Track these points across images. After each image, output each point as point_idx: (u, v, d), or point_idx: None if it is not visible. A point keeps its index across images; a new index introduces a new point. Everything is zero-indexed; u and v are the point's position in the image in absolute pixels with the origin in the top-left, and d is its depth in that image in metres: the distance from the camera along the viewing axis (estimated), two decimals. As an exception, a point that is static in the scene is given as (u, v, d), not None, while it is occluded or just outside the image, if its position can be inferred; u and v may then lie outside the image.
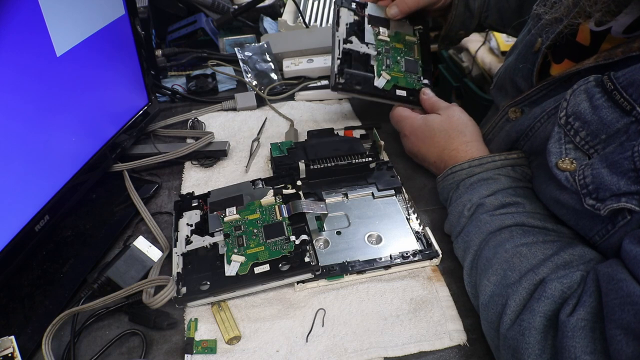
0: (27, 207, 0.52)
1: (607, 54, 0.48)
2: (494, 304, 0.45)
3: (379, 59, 0.62)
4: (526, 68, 0.60)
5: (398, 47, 0.63)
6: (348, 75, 0.67)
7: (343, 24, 0.70)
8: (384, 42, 0.70)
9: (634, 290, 0.36)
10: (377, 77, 0.66)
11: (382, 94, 0.67)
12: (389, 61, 0.68)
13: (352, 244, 0.56)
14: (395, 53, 0.70)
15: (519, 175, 0.55)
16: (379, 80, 0.56)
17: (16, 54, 0.47)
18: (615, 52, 0.47)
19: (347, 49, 0.68)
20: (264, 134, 0.77)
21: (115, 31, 0.63)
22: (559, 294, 0.41)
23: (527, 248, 0.46)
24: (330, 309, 0.51)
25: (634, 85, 0.42)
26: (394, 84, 0.62)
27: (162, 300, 0.48)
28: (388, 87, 0.61)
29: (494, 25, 0.81)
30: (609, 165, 0.42)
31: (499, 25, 0.80)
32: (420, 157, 0.66)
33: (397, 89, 0.67)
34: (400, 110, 0.68)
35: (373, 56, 0.68)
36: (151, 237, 0.58)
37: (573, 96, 0.47)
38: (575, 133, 0.46)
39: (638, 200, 0.40)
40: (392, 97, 0.68)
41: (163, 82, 0.87)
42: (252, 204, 0.58)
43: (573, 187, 0.45)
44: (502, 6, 0.77)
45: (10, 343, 0.43)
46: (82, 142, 0.60)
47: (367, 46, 0.69)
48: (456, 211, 0.55)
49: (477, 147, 0.59)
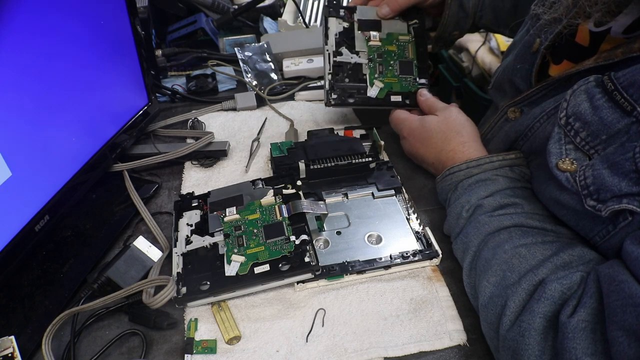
0: (27, 207, 0.52)
1: (607, 54, 0.48)
2: (493, 305, 0.45)
3: (371, 67, 0.61)
4: (524, 68, 0.60)
5: (391, 50, 0.62)
6: (340, 90, 0.66)
7: (332, 35, 0.70)
8: (375, 48, 0.69)
9: (636, 291, 0.36)
10: (370, 87, 0.65)
11: (376, 102, 0.66)
12: (382, 67, 0.67)
13: (352, 244, 0.56)
14: (388, 57, 0.68)
15: (518, 176, 0.55)
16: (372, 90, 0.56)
17: (16, 53, 0.47)
18: (615, 53, 0.47)
19: (337, 61, 0.68)
20: (264, 134, 0.77)
21: (116, 31, 0.63)
22: (559, 295, 0.41)
23: (526, 249, 0.46)
24: (330, 309, 0.51)
25: (635, 86, 0.42)
26: (388, 90, 0.61)
27: (162, 300, 0.48)
28: (382, 95, 0.60)
29: (489, 25, 0.81)
30: (610, 166, 0.42)
31: (494, 25, 0.80)
32: (419, 158, 0.66)
33: (392, 95, 0.66)
34: (398, 113, 0.68)
35: (364, 65, 0.68)
36: (151, 237, 0.58)
37: (573, 96, 0.47)
38: (576, 134, 0.46)
39: (639, 201, 0.39)
40: (388, 104, 0.67)
41: (163, 82, 0.87)
42: (252, 204, 0.58)
43: (574, 188, 0.44)
44: (497, 6, 0.77)
45: (10, 343, 0.43)
46: (82, 142, 0.59)
47: (358, 55, 0.68)
48: (455, 212, 0.55)
49: (475, 147, 0.59)
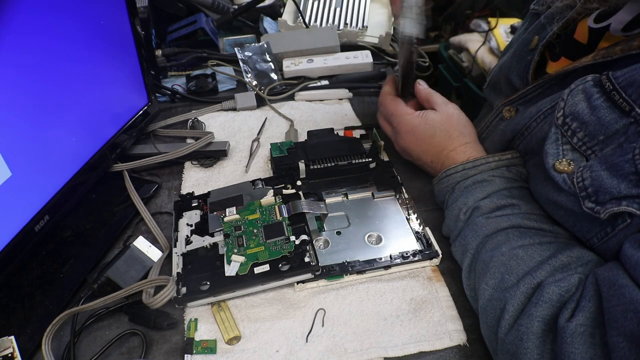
0: (27, 207, 0.52)
1: (605, 52, 0.48)
2: (492, 308, 0.45)
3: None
4: (522, 66, 0.59)
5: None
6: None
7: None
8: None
9: (636, 297, 0.35)
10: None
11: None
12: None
13: (352, 244, 0.56)
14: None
15: (514, 176, 0.55)
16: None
17: (16, 53, 0.47)
18: (614, 50, 0.47)
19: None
20: (264, 134, 0.77)
21: (116, 31, 0.63)
22: (557, 298, 0.41)
23: (524, 250, 0.46)
24: (330, 309, 0.51)
25: (634, 86, 0.42)
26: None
27: (162, 300, 0.48)
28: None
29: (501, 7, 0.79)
30: (608, 167, 0.41)
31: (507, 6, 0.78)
32: (415, 156, 0.63)
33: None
34: (392, 103, 0.64)
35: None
36: (151, 237, 0.58)
37: (570, 96, 0.46)
38: (573, 134, 0.46)
39: (639, 204, 0.39)
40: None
41: (163, 82, 0.87)
42: (252, 204, 0.58)
43: (571, 190, 0.44)
44: None
45: (10, 343, 0.43)
46: (82, 142, 0.59)
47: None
48: (452, 215, 0.55)
49: (475, 148, 0.59)
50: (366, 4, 1.08)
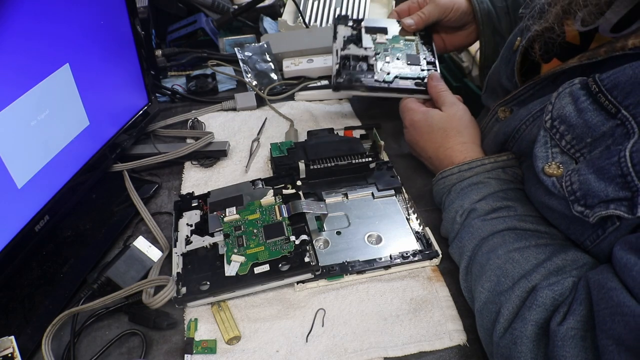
0: (27, 207, 0.52)
1: (590, 53, 0.48)
2: (488, 311, 0.45)
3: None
4: (509, 69, 0.60)
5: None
6: (347, 74, 0.69)
7: (340, 37, 0.74)
8: (382, 44, 0.73)
9: (624, 300, 0.35)
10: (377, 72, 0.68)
11: (382, 87, 0.68)
12: (389, 58, 0.71)
13: (352, 244, 0.56)
14: (395, 51, 0.72)
15: (510, 177, 0.54)
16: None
17: (16, 53, 0.47)
18: (598, 52, 0.47)
19: (344, 54, 0.71)
20: (264, 134, 0.77)
21: (115, 31, 0.63)
22: (550, 302, 0.41)
23: (520, 253, 0.46)
24: (330, 309, 0.51)
25: (619, 88, 0.41)
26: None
27: (162, 300, 0.48)
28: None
29: None
30: (595, 171, 0.41)
31: None
32: (418, 150, 0.65)
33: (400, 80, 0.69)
34: (407, 102, 0.68)
35: (371, 56, 0.71)
36: (151, 237, 0.58)
37: (558, 99, 0.46)
38: (561, 137, 0.46)
39: (627, 207, 0.39)
40: (395, 90, 0.69)
41: (163, 82, 0.87)
42: (252, 204, 0.58)
43: (560, 194, 0.44)
44: None
45: (10, 343, 0.43)
46: (82, 142, 0.59)
47: (365, 50, 0.72)
48: (449, 217, 0.55)
49: (473, 149, 0.59)
50: (366, 3, 1.08)
